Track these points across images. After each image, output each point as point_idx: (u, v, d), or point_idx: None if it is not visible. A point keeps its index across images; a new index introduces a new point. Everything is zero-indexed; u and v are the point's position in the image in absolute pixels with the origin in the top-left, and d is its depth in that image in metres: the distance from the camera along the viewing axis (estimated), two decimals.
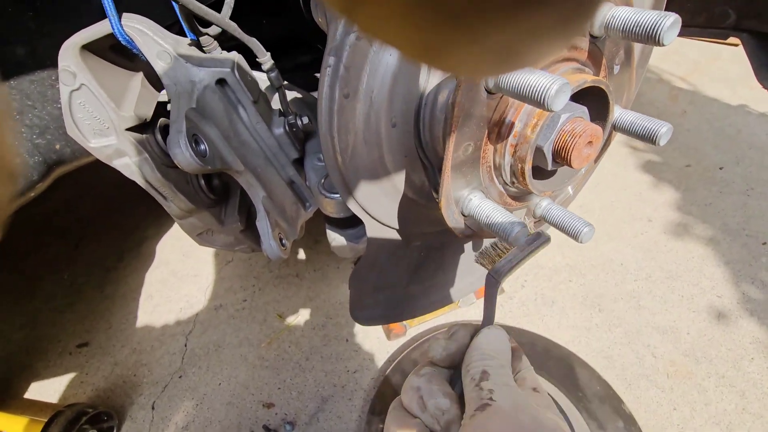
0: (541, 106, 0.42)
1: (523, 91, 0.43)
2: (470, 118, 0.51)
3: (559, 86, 0.41)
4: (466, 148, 0.53)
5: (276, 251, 1.03)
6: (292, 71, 1.62)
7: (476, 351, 0.50)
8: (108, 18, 0.76)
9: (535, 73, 0.43)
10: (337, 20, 0.53)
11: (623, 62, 0.63)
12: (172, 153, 0.79)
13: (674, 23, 0.46)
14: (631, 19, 0.49)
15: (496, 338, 0.52)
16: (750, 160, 2.38)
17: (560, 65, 0.54)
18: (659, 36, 0.47)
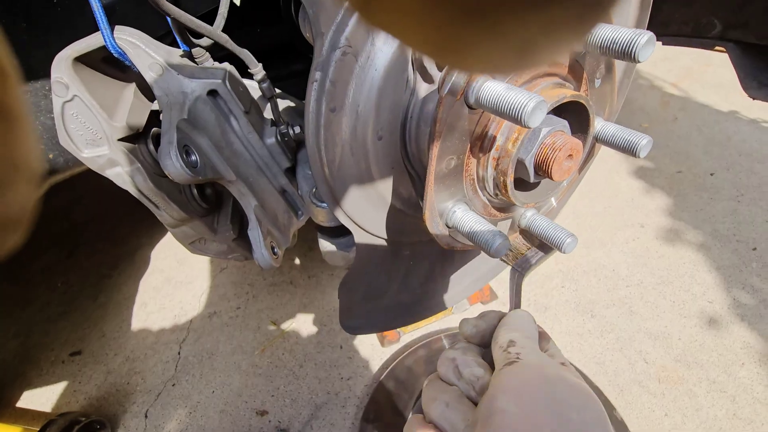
0: (518, 122, 0.43)
1: (501, 107, 0.45)
2: (453, 132, 0.52)
3: (536, 104, 0.42)
4: (449, 161, 0.54)
5: (267, 260, 1.04)
6: (285, 79, 1.63)
7: (504, 327, 0.52)
8: (100, 31, 0.77)
9: (513, 90, 0.44)
10: (323, 36, 0.54)
11: (604, 76, 0.64)
12: (163, 164, 0.80)
13: (649, 41, 0.48)
14: (608, 36, 0.50)
15: (522, 318, 0.54)
16: (740, 166, 2.40)
17: (541, 80, 0.55)
18: (635, 53, 0.48)
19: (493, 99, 0.46)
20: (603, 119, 0.66)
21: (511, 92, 0.44)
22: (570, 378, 0.43)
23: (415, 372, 1.62)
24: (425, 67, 0.58)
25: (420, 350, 1.67)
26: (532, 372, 0.43)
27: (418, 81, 0.61)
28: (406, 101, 0.61)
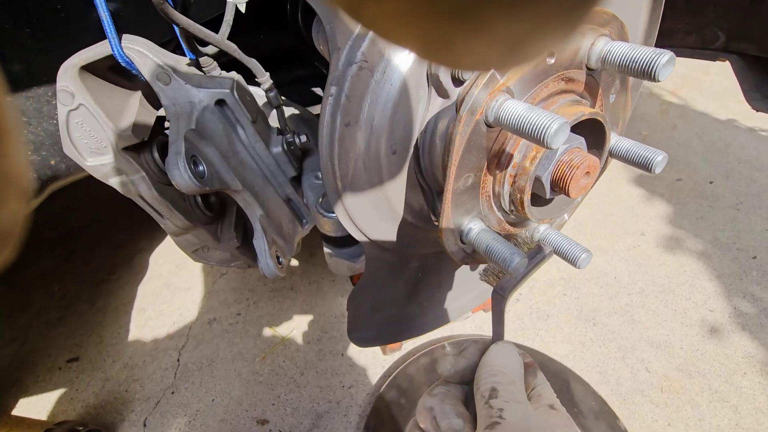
0: (540, 143, 0.43)
1: (522, 128, 0.44)
2: (470, 150, 0.51)
3: (559, 125, 0.42)
4: (467, 178, 0.54)
5: (273, 269, 1.03)
6: (288, 85, 1.62)
7: (485, 368, 0.49)
8: (108, 39, 0.76)
9: (535, 110, 0.44)
10: (340, 51, 0.53)
11: (619, 91, 0.64)
12: (171, 175, 0.79)
13: (669, 61, 0.48)
14: (627, 55, 0.50)
15: (505, 354, 0.51)
16: (739, 174, 2.42)
17: (558, 97, 0.55)
18: (655, 73, 0.48)
19: (513, 119, 0.45)
20: (617, 134, 0.65)
21: (532, 113, 0.44)
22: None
23: (417, 380, 1.61)
24: (441, 82, 0.57)
25: (422, 358, 1.66)
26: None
27: (433, 96, 0.60)
28: (421, 116, 0.61)
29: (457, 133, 0.49)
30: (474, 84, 0.49)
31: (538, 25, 0.14)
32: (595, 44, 0.52)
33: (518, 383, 0.48)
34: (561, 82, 0.54)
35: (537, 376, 0.52)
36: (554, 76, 0.53)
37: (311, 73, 1.61)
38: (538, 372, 0.53)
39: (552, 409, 0.47)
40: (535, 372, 0.53)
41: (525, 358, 0.54)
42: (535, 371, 0.53)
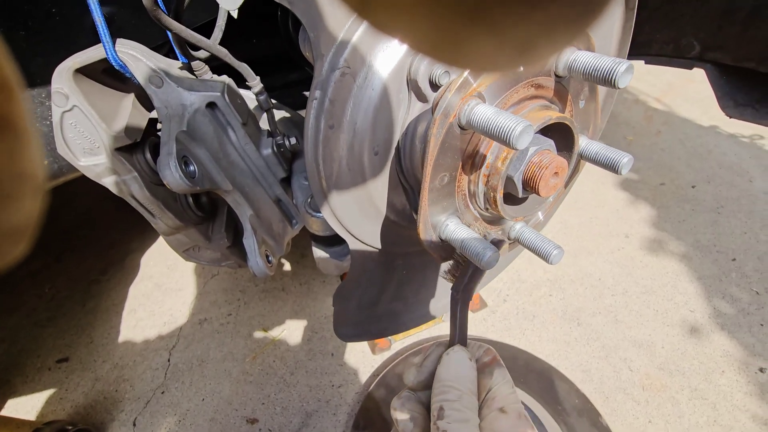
0: (507, 144, 0.46)
1: (491, 130, 0.48)
2: (445, 151, 0.55)
3: (523, 127, 0.45)
4: (443, 177, 0.57)
5: (262, 268, 1.06)
6: (279, 89, 1.65)
7: (437, 382, 0.51)
8: (102, 44, 0.79)
9: (502, 114, 0.48)
10: (324, 57, 0.57)
11: (588, 97, 0.68)
12: (162, 174, 0.81)
13: (627, 69, 0.51)
14: (591, 64, 0.54)
15: (457, 364, 0.53)
16: (720, 179, 2.49)
17: (528, 102, 0.59)
18: (615, 80, 0.52)
19: (483, 122, 0.49)
20: (587, 137, 0.69)
21: (500, 116, 0.47)
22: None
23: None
24: (419, 87, 0.61)
25: (411, 358, 1.69)
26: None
27: (413, 100, 0.64)
28: (401, 119, 0.64)
29: (431, 134, 0.52)
30: (448, 89, 0.52)
31: (548, 26, 0.14)
32: (562, 53, 0.56)
33: (466, 397, 0.50)
34: (531, 89, 0.58)
35: (493, 375, 0.53)
36: (524, 83, 0.57)
37: (302, 77, 1.64)
38: (495, 371, 0.54)
39: (501, 412, 0.49)
40: (491, 371, 0.54)
41: (485, 356, 0.55)
42: (492, 370, 0.54)
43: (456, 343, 0.57)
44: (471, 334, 1.79)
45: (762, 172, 2.50)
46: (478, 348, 0.58)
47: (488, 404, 0.51)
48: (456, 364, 0.53)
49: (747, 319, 1.80)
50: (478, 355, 0.57)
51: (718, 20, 1.27)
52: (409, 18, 0.15)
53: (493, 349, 0.57)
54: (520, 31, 0.14)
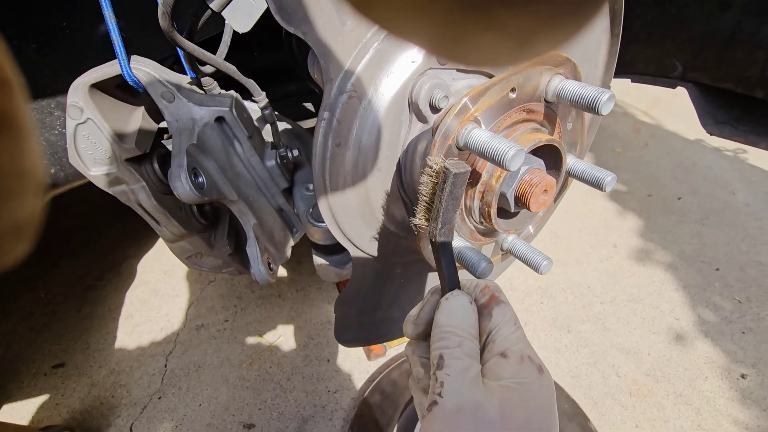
0: (500, 166, 0.51)
1: (486, 152, 0.53)
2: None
3: (515, 151, 0.50)
4: None
5: (264, 275, 1.09)
6: (279, 100, 1.70)
7: (436, 329, 0.48)
8: (118, 61, 0.83)
9: (496, 138, 0.53)
10: (333, 82, 0.61)
11: (575, 120, 0.73)
12: (173, 186, 0.85)
13: (609, 98, 0.57)
14: (576, 92, 0.59)
15: (455, 308, 0.49)
16: (705, 191, 2.57)
17: (520, 125, 0.64)
18: (598, 108, 0.57)
19: (479, 145, 0.54)
20: (575, 156, 0.75)
21: (494, 140, 0.52)
22: (486, 415, 0.41)
23: (399, 385, 1.67)
24: (420, 110, 0.66)
25: (405, 364, 1.73)
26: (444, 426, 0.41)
27: (414, 121, 0.69)
28: (403, 138, 0.69)
29: (432, 155, 0.57)
30: (447, 113, 0.57)
31: (547, 20, 0.14)
32: (551, 82, 0.62)
33: (467, 343, 0.46)
34: (522, 113, 0.63)
35: (492, 317, 0.49)
36: (516, 108, 0.62)
37: (302, 89, 1.69)
38: (494, 310, 0.50)
39: (502, 357, 0.45)
40: (491, 312, 0.50)
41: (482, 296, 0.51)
42: (491, 311, 0.50)
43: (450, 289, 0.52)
44: None
45: (744, 186, 2.59)
46: (474, 287, 0.53)
47: (489, 348, 0.47)
48: (455, 308, 0.49)
49: (729, 327, 1.86)
50: (476, 295, 0.52)
51: (699, 43, 1.34)
52: (409, 14, 0.15)
53: (491, 285, 0.53)
54: (519, 24, 0.14)
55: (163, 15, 0.71)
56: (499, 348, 0.46)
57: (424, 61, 0.65)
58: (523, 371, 0.44)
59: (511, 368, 0.44)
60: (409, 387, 0.53)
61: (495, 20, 0.14)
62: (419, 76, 0.65)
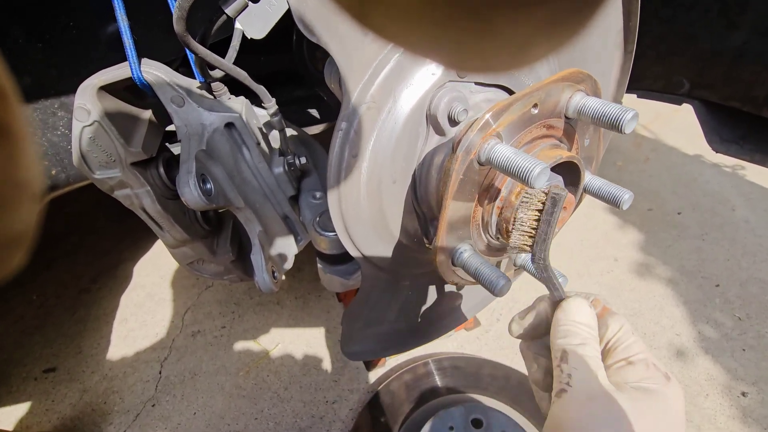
0: (525, 183, 0.50)
1: (510, 169, 0.52)
2: (464, 185, 0.59)
3: (541, 169, 0.49)
4: (459, 209, 0.61)
5: (269, 284, 1.07)
6: (286, 104, 1.68)
7: (558, 327, 0.49)
8: (129, 64, 0.81)
9: (521, 155, 0.52)
10: (351, 93, 0.60)
11: (592, 135, 0.73)
12: (181, 192, 0.83)
13: (633, 117, 0.56)
14: (599, 110, 0.59)
15: (577, 310, 0.50)
16: (704, 206, 2.59)
17: (540, 141, 0.63)
18: (621, 126, 0.56)
19: (502, 161, 0.53)
20: (590, 173, 0.74)
21: (519, 157, 0.51)
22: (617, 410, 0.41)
23: (399, 397, 1.64)
24: (438, 122, 0.65)
25: (405, 375, 1.70)
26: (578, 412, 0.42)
27: (431, 133, 0.68)
28: (420, 150, 0.68)
29: (453, 169, 0.56)
30: (470, 128, 0.56)
31: (544, 25, 0.14)
32: (572, 98, 0.61)
33: (590, 343, 0.47)
34: (543, 129, 0.62)
35: (609, 325, 0.50)
36: (537, 124, 0.61)
37: (309, 95, 1.68)
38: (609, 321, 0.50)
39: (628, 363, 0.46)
40: (606, 323, 0.50)
41: (596, 306, 0.53)
42: (606, 322, 0.50)
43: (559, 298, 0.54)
44: (465, 353, 1.81)
45: (743, 202, 2.60)
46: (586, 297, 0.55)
47: (611, 356, 0.48)
48: (577, 310, 0.50)
49: (730, 344, 1.86)
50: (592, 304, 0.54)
51: (706, 61, 1.35)
52: (407, 23, 0.15)
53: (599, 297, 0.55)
54: (517, 31, 0.14)
55: (178, 20, 0.70)
56: (623, 355, 0.47)
57: (444, 74, 0.64)
58: (650, 377, 0.45)
59: (638, 374, 0.45)
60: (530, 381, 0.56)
61: (492, 28, 0.14)
62: (438, 89, 0.64)
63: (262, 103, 0.97)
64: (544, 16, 0.14)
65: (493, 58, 0.17)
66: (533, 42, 0.16)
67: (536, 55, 0.17)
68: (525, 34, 0.15)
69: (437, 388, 1.64)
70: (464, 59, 0.18)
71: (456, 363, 1.73)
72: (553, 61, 0.79)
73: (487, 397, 1.59)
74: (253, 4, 0.76)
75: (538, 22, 0.14)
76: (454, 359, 1.75)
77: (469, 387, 1.64)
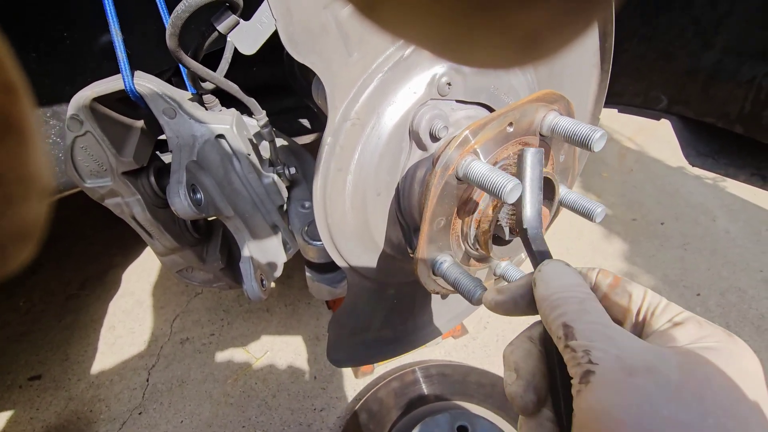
0: (498, 197, 0.53)
1: (485, 184, 0.55)
2: (443, 199, 0.62)
3: (513, 185, 0.52)
4: (439, 222, 0.63)
5: (257, 292, 1.09)
6: (276, 114, 1.71)
7: (543, 302, 0.39)
8: (122, 76, 0.83)
9: (495, 171, 0.55)
10: (337, 109, 0.63)
11: (567, 152, 0.76)
12: (171, 202, 0.85)
13: (601, 137, 0.60)
14: (570, 129, 0.62)
15: (556, 272, 0.41)
16: (687, 217, 2.65)
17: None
18: (590, 145, 0.60)
19: (478, 177, 0.56)
20: (566, 187, 0.77)
21: (493, 173, 0.54)
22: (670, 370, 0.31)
23: (387, 404, 1.66)
24: (420, 138, 0.68)
25: (393, 382, 1.72)
26: (618, 394, 0.31)
27: (413, 148, 0.71)
28: (402, 164, 0.71)
29: (432, 184, 0.59)
30: (449, 145, 0.59)
31: (553, 17, 0.14)
32: (546, 117, 0.65)
33: (588, 301, 0.37)
34: (519, 145, 0.66)
35: (631, 294, 0.40)
36: (513, 141, 0.64)
37: (298, 104, 1.70)
38: (629, 289, 0.40)
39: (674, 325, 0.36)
40: (626, 290, 0.40)
41: (605, 279, 0.43)
42: (625, 290, 0.40)
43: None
44: (451, 359, 1.83)
45: (724, 213, 2.68)
46: (587, 272, 0.45)
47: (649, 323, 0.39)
48: (555, 272, 0.41)
49: None
50: (593, 278, 0.44)
51: (683, 78, 1.41)
52: (415, 16, 0.14)
53: (607, 270, 0.44)
54: (526, 23, 0.14)
55: (170, 36, 0.72)
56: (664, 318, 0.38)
57: (426, 92, 0.67)
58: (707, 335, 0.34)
59: (690, 334, 0.35)
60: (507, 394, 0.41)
61: (501, 21, 0.14)
62: (420, 107, 0.67)
63: (253, 115, 0.99)
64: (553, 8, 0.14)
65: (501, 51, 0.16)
66: (543, 35, 0.15)
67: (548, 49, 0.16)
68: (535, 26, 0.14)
69: (424, 396, 1.66)
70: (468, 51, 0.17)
71: (443, 370, 1.75)
72: (533, 80, 0.83)
73: (473, 404, 1.61)
74: (245, 22, 0.79)
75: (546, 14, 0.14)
76: (441, 367, 1.77)
77: (456, 394, 1.66)
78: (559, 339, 0.36)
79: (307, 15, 0.55)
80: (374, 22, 0.16)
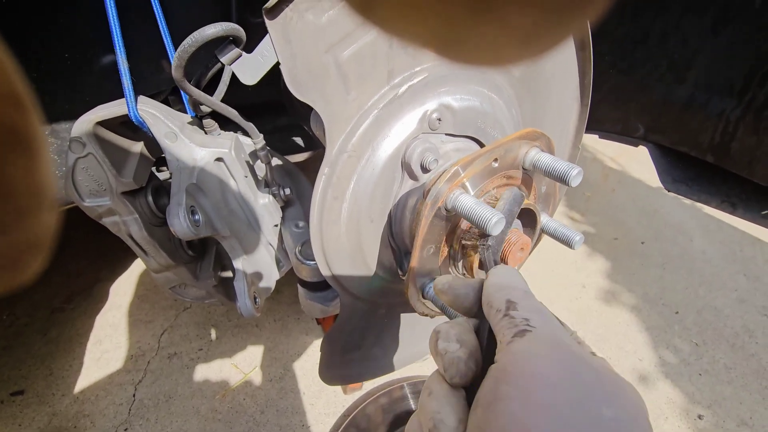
0: (483, 230, 0.58)
1: (471, 217, 0.59)
2: (433, 228, 0.66)
3: (497, 219, 0.57)
4: (429, 249, 0.68)
5: (250, 310, 1.11)
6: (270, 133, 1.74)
7: (493, 287, 0.42)
8: (126, 102, 0.87)
9: (481, 205, 0.59)
10: (335, 142, 0.67)
11: (548, 183, 0.82)
12: (171, 223, 0.88)
13: (578, 174, 0.65)
14: (550, 165, 0.67)
15: (507, 273, 0.44)
16: (666, 237, 2.75)
17: (502, 189, 0.71)
18: (568, 180, 0.65)
19: (465, 210, 0.60)
20: (548, 215, 0.83)
21: (479, 207, 0.59)
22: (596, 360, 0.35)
23: (375, 420, 1.67)
24: (412, 169, 0.73)
25: (381, 398, 1.73)
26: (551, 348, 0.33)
27: (405, 178, 0.75)
28: (395, 192, 0.75)
29: (423, 215, 0.63)
30: (439, 179, 0.64)
31: (552, 14, 0.14)
32: (528, 153, 0.70)
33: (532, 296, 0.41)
34: (504, 179, 0.71)
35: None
36: (498, 174, 0.69)
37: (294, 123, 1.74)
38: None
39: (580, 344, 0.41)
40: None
41: None
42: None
43: None
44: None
45: (701, 233, 2.78)
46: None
47: None
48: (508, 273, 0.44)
49: (688, 369, 1.97)
50: None
51: (659, 109, 1.49)
52: (414, 16, 0.15)
53: None
54: (524, 20, 0.14)
55: (176, 68, 0.76)
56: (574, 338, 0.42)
57: (417, 127, 0.72)
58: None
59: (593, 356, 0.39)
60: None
61: (499, 17, 0.14)
62: (413, 140, 0.72)
63: (251, 139, 1.03)
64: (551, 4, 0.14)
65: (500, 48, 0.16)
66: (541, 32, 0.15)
67: (546, 45, 0.17)
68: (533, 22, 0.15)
69: (412, 411, 1.68)
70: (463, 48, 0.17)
71: None
72: (517, 114, 0.89)
73: None
74: (247, 55, 0.83)
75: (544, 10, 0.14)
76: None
77: None
78: (499, 311, 0.39)
79: (309, 58, 0.60)
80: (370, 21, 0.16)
